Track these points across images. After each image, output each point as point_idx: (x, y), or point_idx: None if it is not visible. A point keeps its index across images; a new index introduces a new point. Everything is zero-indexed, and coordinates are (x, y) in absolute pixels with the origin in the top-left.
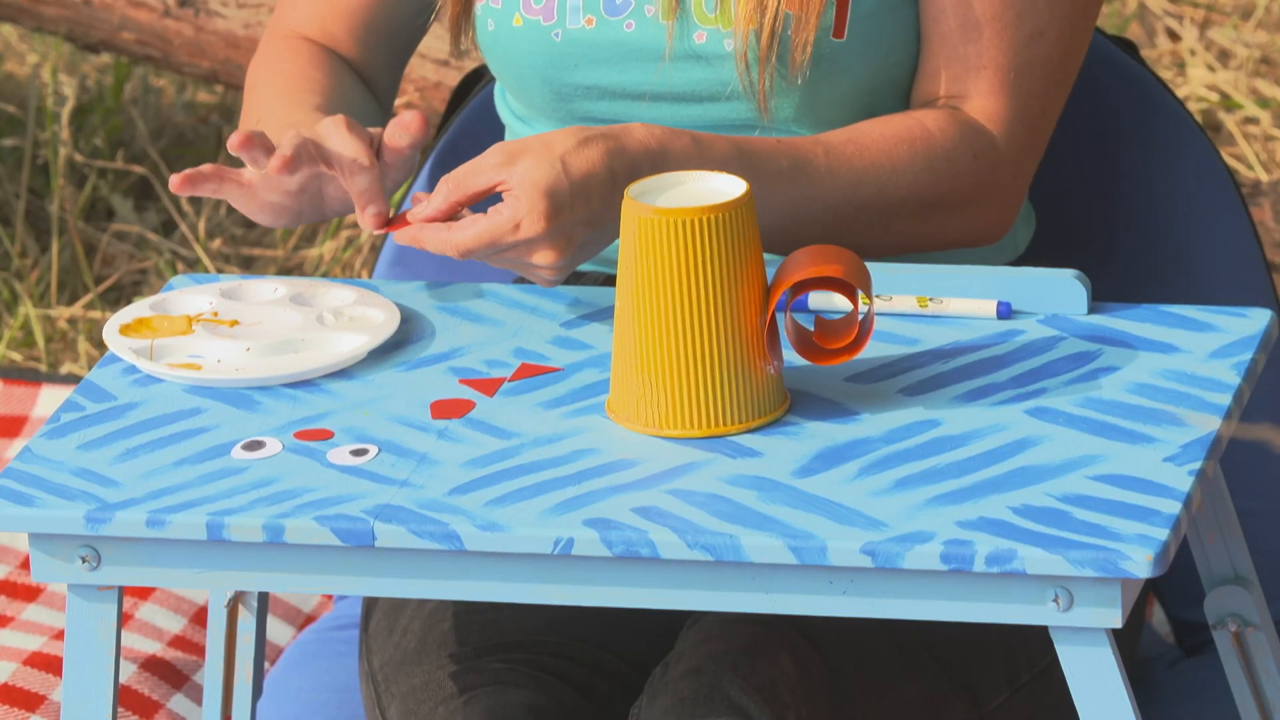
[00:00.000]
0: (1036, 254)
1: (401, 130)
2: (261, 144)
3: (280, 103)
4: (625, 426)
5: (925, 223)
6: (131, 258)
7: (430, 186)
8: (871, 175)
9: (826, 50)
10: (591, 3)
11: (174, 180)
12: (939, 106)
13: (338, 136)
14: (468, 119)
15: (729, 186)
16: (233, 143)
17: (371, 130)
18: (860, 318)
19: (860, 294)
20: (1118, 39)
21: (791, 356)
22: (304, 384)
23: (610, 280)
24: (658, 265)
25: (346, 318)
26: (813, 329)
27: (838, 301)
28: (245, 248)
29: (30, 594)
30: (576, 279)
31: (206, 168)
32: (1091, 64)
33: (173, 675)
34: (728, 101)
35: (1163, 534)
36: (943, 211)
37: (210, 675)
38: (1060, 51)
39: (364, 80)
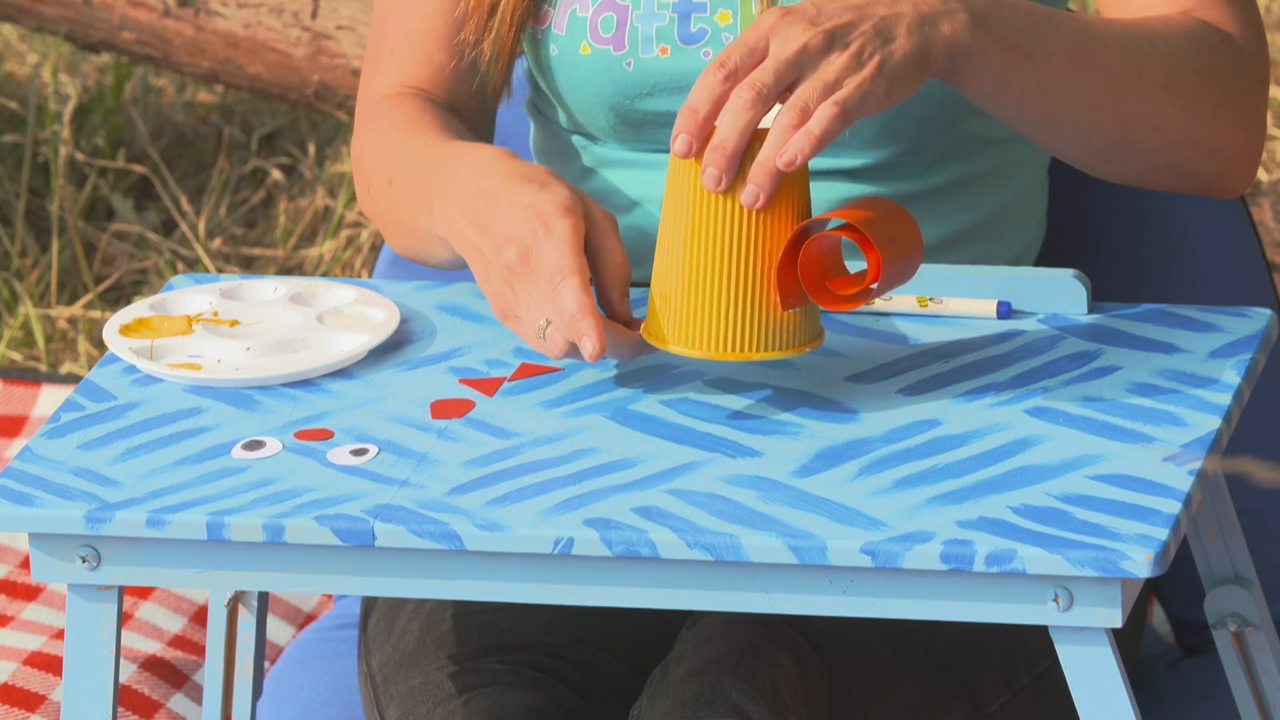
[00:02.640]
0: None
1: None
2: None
3: (411, 142)
4: (662, 347)
5: (1203, 96)
6: (131, 257)
7: None
8: (1140, 30)
9: None
10: (665, 31)
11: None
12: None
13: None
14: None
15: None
16: (594, 353)
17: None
18: (873, 287)
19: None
20: None
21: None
22: (304, 384)
23: None
24: (695, 185)
25: (346, 317)
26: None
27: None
28: (245, 247)
29: (30, 594)
30: None
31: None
32: None
33: (173, 675)
34: None
35: (1163, 534)
36: (1216, 84)
37: (210, 675)
38: None
39: (460, 118)
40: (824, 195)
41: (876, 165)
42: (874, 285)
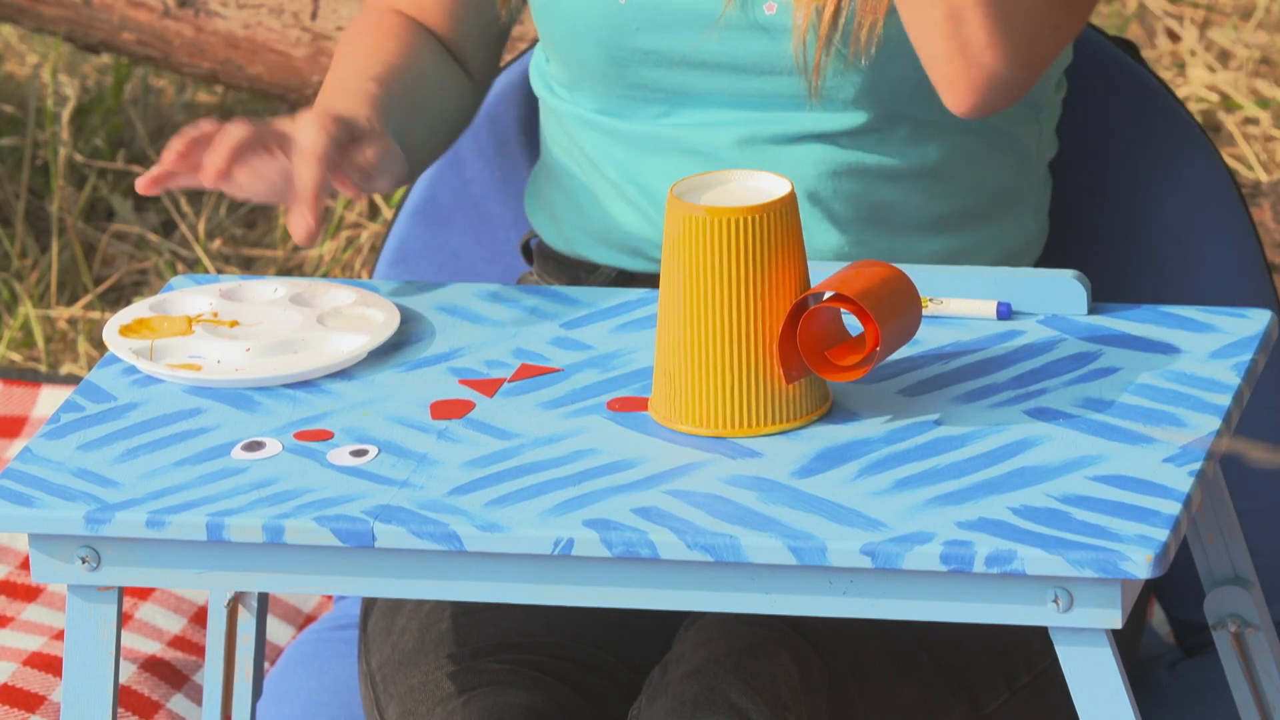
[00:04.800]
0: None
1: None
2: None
3: (348, 71)
4: (670, 426)
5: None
6: (131, 258)
7: (487, 154)
8: None
9: (895, 32)
10: None
11: (140, 183)
12: None
13: (305, 130)
14: (502, 89)
15: (773, 186)
16: (152, 178)
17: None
18: (873, 354)
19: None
20: (1118, 39)
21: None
22: (304, 384)
23: (619, 279)
24: (701, 263)
25: (346, 318)
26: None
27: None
28: (245, 248)
29: (30, 594)
30: (583, 278)
31: (167, 167)
32: (1091, 64)
33: (173, 675)
34: (787, 76)
35: (1163, 534)
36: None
37: (210, 675)
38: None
39: (453, 53)
40: (808, 157)
41: (858, 131)
42: (874, 352)
